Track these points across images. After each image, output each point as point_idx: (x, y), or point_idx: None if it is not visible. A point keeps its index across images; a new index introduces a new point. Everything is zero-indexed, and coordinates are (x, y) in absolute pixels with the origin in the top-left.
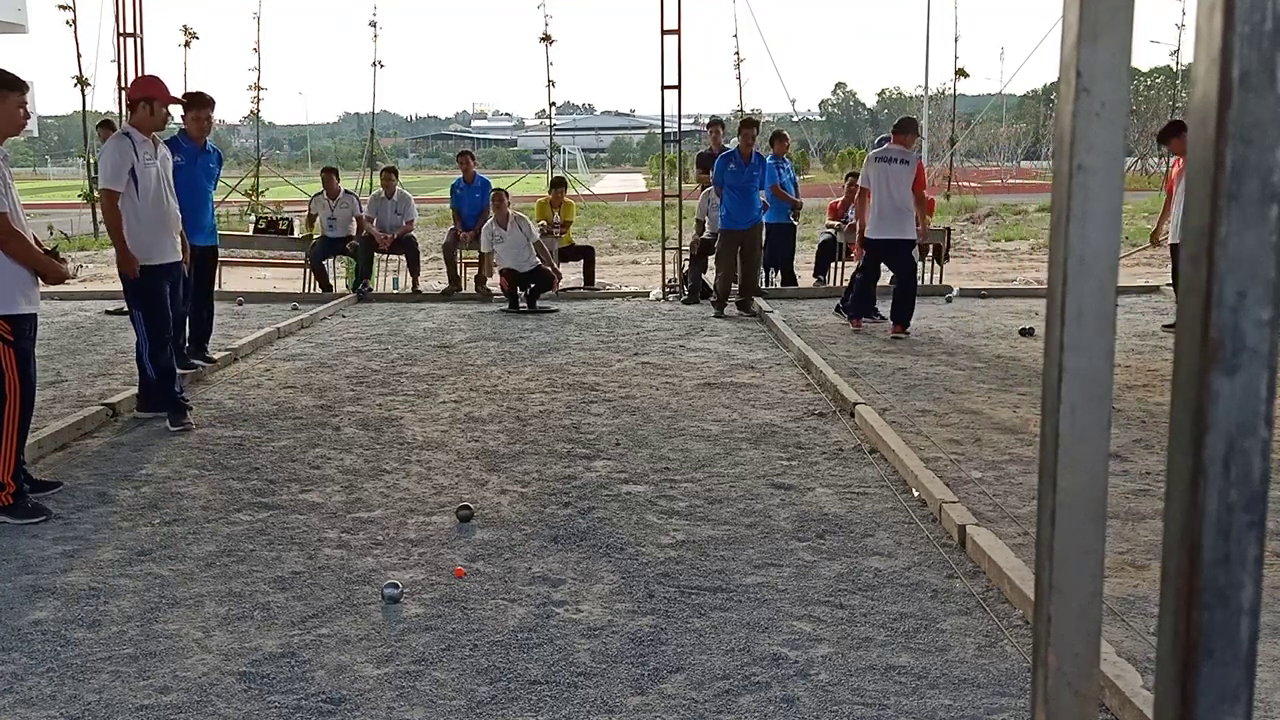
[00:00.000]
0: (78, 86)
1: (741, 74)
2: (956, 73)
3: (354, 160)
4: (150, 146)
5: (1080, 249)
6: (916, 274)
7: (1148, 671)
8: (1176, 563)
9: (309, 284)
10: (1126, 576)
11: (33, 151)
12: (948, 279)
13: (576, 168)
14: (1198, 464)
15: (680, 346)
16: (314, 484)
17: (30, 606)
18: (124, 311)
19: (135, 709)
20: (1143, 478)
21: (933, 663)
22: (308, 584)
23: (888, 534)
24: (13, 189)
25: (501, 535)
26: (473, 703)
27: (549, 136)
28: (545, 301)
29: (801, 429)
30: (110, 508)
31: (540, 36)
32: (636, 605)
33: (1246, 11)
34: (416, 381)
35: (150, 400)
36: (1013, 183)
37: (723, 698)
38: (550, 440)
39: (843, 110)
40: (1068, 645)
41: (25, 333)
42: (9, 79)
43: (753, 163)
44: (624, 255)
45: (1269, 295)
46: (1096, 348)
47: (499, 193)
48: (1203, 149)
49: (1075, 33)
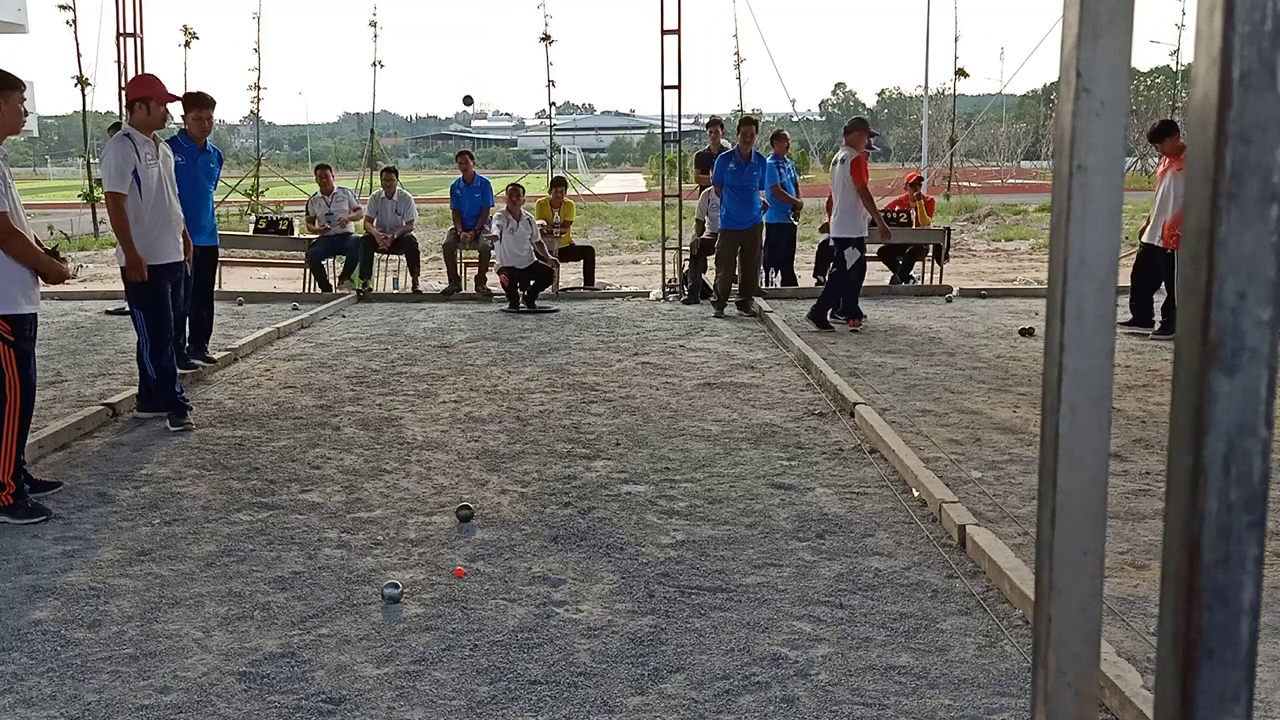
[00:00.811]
0: (78, 86)
1: (741, 74)
2: (956, 73)
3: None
4: (151, 146)
5: (1080, 249)
6: (845, 273)
7: (1148, 671)
8: (1176, 563)
9: (309, 284)
10: (1126, 576)
11: (33, 151)
12: (948, 279)
13: (576, 168)
14: (1198, 464)
15: (680, 346)
16: (314, 484)
17: (30, 606)
18: (124, 311)
19: (135, 709)
20: (1143, 478)
21: (933, 663)
22: (308, 584)
23: (888, 534)
24: (13, 188)
25: (501, 535)
26: (473, 703)
27: (549, 136)
28: (545, 301)
29: (801, 429)
30: (110, 508)
31: (540, 36)
32: (636, 605)
33: (1246, 11)
34: (416, 381)
35: (150, 400)
36: (1013, 183)
37: (723, 698)
38: (550, 440)
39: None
40: (1068, 645)
41: (25, 333)
42: (7, 78)
43: (752, 162)
44: (624, 255)
45: (1269, 295)
46: (1096, 348)
47: (516, 187)
48: (1203, 149)
49: (1075, 33)
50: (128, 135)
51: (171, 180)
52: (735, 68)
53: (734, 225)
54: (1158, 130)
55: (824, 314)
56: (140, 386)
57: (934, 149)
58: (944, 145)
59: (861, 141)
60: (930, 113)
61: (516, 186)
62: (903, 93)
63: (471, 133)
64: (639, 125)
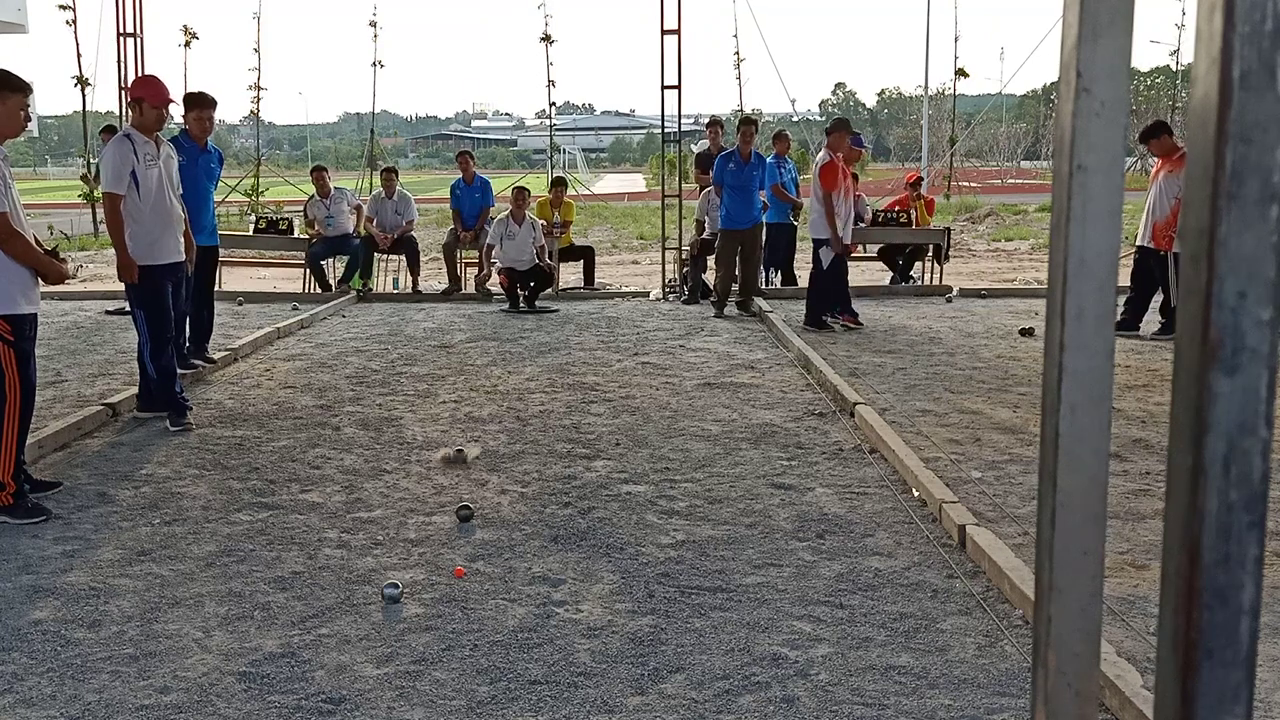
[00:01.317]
0: (78, 86)
1: (741, 74)
2: (956, 73)
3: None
4: (152, 147)
5: (1080, 249)
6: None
7: (1148, 671)
8: (1176, 563)
9: (309, 284)
10: (1126, 576)
11: (33, 151)
12: (948, 279)
13: (576, 168)
14: (1198, 464)
15: (680, 346)
16: (314, 484)
17: (30, 606)
18: (124, 311)
19: (135, 709)
20: (1143, 478)
21: (933, 663)
22: (308, 584)
23: (888, 534)
24: (13, 189)
25: (501, 535)
26: (473, 703)
27: (549, 136)
28: (545, 301)
29: (801, 429)
30: (110, 508)
31: (540, 36)
32: (636, 605)
33: (1246, 11)
34: (416, 381)
35: (151, 400)
36: (1013, 183)
37: (723, 698)
38: (550, 440)
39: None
40: (1068, 645)
41: (25, 333)
42: (9, 80)
43: (752, 162)
44: (624, 255)
45: (1269, 295)
46: (1096, 348)
47: (522, 190)
48: (1203, 149)
49: (1075, 33)
50: (128, 136)
51: (173, 181)
52: (735, 68)
53: (734, 225)
54: (1148, 131)
55: (818, 316)
56: (140, 386)
57: (934, 149)
58: (944, 145)
59: (842, 143)
60: (930, 113)
61: (521, 190)
62: (903, 93)
63: (471, 133)
64: (639, 125)
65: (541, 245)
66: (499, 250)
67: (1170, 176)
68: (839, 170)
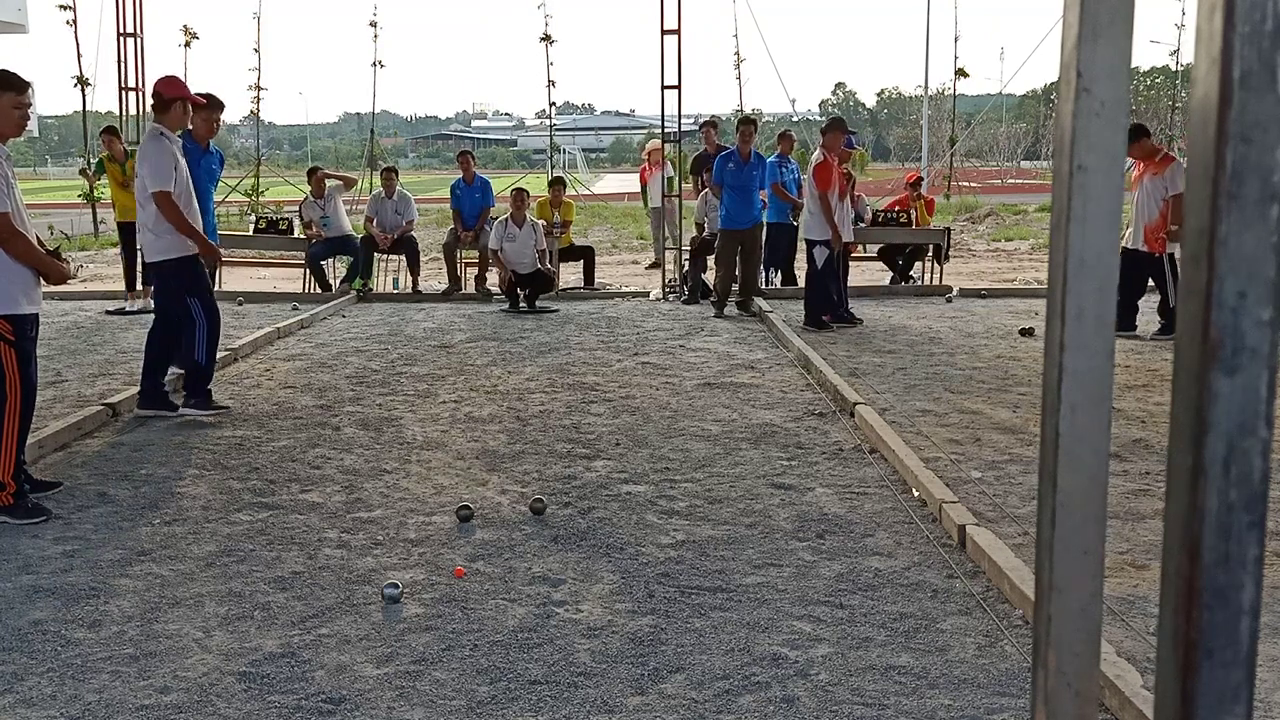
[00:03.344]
0: (78, 86)
1: (741, 74)
2: (956, 73)
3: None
4: (179, 144)
5: (1080, 249)
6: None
7: (1148, 671)
8: (1176, 563)
9: (309, 284)
10: (1126, 576)
11: (33, 151)
12: (948, 279)
13: (577, 168)
14: (1198, 464)
15: (680, 346)
16: (314, 484)
17: (30, 606)
18: (124, 311)
19: (135, 709)
20: (1143, 478)
21: (933, 663)
22: (308, 584)
23: (888, 534)
24: (15, 189)
25: (501, 535)
26: (473, 703)
27: (549, 136)
28: (545, 301)
29: (801, 429)
30: (110, 508)
31: (540, 36)
32: (636, 605)
33: (1246, 11)
34: (416, 381)
35: (151, 399)
36: (1013, 183)
37: (723, 698)
38: (550, 440)
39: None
40: (1068, 645)
41: (26, 333)
42: (5, 78)
43: (752, 162)
44: (624, 255)
45: (1269, 295)
46: (1096, 348)
47: (521, 192)
48: (1203, 149)
49: (1075, 33)
50: (163, 134)
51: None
52: (735, 68)
53: (734, 225)
54: (1128, 134)
55: (818, 316)
56: (142, 385)
57: (934, 149)
58: (944, 145)
59: (838, 143)
60: (930, 113)
61: (521, 191)
62: (903, 93)
63: (471, 133)
64: (639, 125)
65: (543, 249)
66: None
67: (1155, 179)
68: (833, 170)
